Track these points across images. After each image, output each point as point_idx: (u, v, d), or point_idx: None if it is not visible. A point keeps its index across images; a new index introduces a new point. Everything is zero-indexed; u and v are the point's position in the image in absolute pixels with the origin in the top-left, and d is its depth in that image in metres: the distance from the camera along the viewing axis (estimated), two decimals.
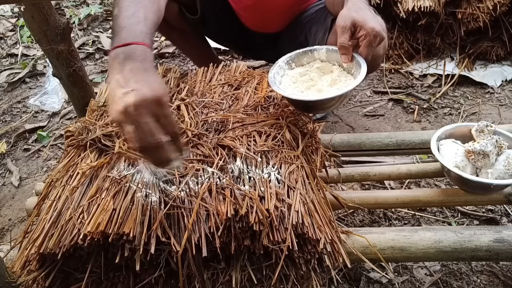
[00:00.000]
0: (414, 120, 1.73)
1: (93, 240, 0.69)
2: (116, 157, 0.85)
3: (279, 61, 1.02)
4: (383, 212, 1.32)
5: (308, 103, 0.92)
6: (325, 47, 1.02)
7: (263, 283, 0.77)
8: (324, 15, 1.29)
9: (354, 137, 1.18)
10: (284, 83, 0.99)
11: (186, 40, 1.69)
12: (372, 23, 0.87)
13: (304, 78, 0.99)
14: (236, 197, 0.73)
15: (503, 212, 1.30)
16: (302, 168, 0.86)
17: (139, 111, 0.63)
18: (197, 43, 1.72)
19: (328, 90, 0.94)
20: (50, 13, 1.25)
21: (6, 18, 2.88)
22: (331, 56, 1.00)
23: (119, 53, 0.71)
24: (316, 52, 1.02)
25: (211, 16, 1.48)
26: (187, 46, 1.77)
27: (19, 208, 1.50)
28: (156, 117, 0.65)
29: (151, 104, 0.64)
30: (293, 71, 1.02)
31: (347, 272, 1.13)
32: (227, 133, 0.89)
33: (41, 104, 2.06)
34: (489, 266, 1.13)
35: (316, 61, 1.03)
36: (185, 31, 1.60)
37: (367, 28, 0.87)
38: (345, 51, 0.92)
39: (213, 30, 1.60)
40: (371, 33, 0.87)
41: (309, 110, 1.01)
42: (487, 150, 0.92)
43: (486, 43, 1.93)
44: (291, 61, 1.03)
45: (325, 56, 1.02)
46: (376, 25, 0.87)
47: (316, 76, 0.99)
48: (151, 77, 0.69)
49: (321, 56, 1.02)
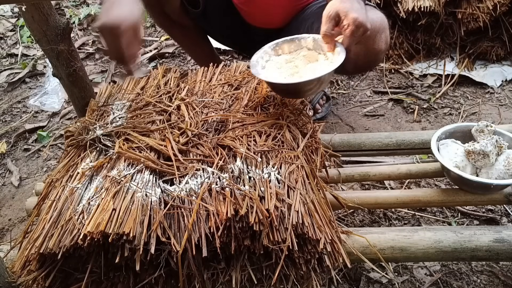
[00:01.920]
0: (414, 120, 1.73)
1: (93, 240, 0.69)
2: (116, 157, 0.85)
3: (265, 46, 1.04)
4: (383, 212, 1.32)
5: (285, 86, 0.95)
6: (312, 35, 1.03)
7: (263, 283, 0.77)
8: None
9: (354, 137, 1.18)
10: (268, 68, 1.01)
11: (187, 36, 1.69)
12: (355, 14, 0.88)
13: (289, 65, 1.01)
14: (236, 197, 0.73)
15: (503, 212, 1.30)
16: (302, 168, 0.86)
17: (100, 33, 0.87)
18: (198, 40, 1.72)
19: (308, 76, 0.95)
20: (50, 13, 1.25)
21: (6, 18, 2.88)
22: (318, 44, 1.02)
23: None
24: (304, 40, 1.04)
25: (212, 11, 1.49)
26: (188, 43, 1.77)
27: (19, 208, 1.50)
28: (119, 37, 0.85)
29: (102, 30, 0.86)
30: (279, 58, 1.04)
31: (347, 272, 1.13)
32: (227, 133, 0.89)
33: (41, 104, 2.06)
34: (489, 266, 1.13)
35: (303, 49, 1.04)
36: (187, 27, 1.61)
37: (349, 18, 0.88)
38: (328, 40, 0.94)
39: (214, 26, 1.61)
40: (353, 23, 0.88)
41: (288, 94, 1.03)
42: (487, 150, 0.92)
43: (486, 43, 1.93)
44: (278, 47, 1.05)
45: (311, 44, 1.03)
46: (359, 15, 0.88)
47: (301, 63, 1.00)
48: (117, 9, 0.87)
49: (308, 45, 1.04)
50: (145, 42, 2.51)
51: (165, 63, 2.28)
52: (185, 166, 0.81)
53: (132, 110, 1.01)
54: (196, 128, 0.90)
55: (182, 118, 0.94)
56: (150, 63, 2.30)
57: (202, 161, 0.82)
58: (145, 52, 2.39)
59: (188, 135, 0.88)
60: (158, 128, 0.90)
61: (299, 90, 0.96)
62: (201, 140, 0.87)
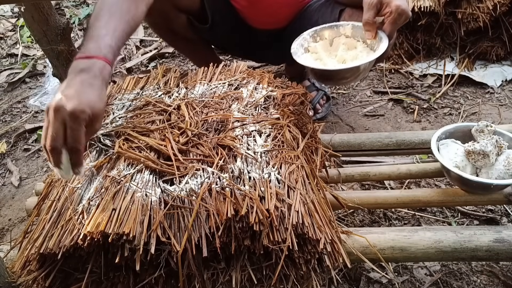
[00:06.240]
0: (414, 120, 1.72)
1: (93, 240, 0.68)
2: (116, 157, 0.85)
3: (304, 33, 1.05)
4: (383, 212, 1.32)
5: (325, 72, 0.97)
6: (351, 23, 1.04)
7: (263, 283, 0.77)
8: (330, 8, 1.29)
9: (354, 137, 1.18)
10: (308, 54, 1.03)
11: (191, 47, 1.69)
12: (399, 1, 0.88)
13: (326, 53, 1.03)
14: (236, 197, 0.73)
15: (503, 212, 1.30)
16: (302, 168, 0.86)
17: (55, 114, 0.70)
18: (202, 49, 1.72)
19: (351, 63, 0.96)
20: (50, 13, 1.26)
21: (6, 18, 2.88)
22: (356, 32, 1.02)
23: (79, 64, 0.78)
24: (342, 27, 1.05)
25: (218, 21, 1.49)
26: (192, 52, 1.77)
27: (19, 208, 1.50)
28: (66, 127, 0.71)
29: (66, 114, 0.70)
30: (317, 44, 1.05)
31: (347, 272, 1.13)
32: (227, 133, 0.89)
33: (41, 104, 2.06)
34: (489, 266, 1.13)
35: (341, 37, 1.05)
36: (191, 40, 1.61)
37: (392, 5, 0.88)
38: (370, 28, 0.94)
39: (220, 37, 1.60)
40: (396, 11, 0.88)
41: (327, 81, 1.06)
42: (487, 150, 0.92)
43: (486, 43, 1.93)
44: (316, 34, 1.06)
45: (350, 32, 1.04)
46: (402, 2, 0.88)
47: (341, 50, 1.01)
48: (90, 92, 0.75)
49: (346, 32, 1.05)
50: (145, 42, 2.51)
51: (165, 63, 2.28)
52: (185, 166, 0.81)
53: (132, 110, 1.01)
54: (196, 128, 0.90)
55: (182, 118, 0.94)
56: (150, 63, 2.30)
57: (202, 161, 0.82)
58: (145, 52, 2.39)
59: (188, 135, 0.88)
60: (158, 128, 0.90)
61: (341, 76, 0.97)
62: (201, 140, 0.87)
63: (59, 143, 0.71)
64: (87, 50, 0.80)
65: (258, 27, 1.49)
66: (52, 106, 0.71)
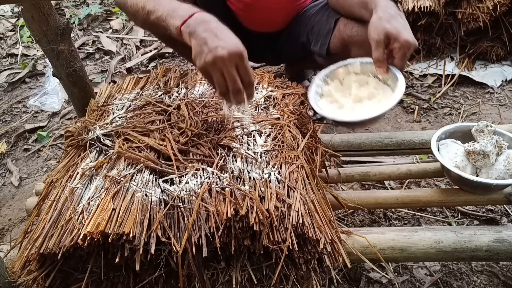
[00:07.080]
0: (414, 120, 1.72)
1: (93, 240, 0.68)
2: (116, 157, 0.85)
3: (316, 79, 1.03)
4: (383, 212, 1.32)
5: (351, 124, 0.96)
6: (358, 60, 1.02)
7: (263, 283, 0.77)
8: (326, 15, 1.29)
9: (354, 137, 1.18)
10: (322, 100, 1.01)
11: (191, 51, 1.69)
12: (406, 35, 0.87)
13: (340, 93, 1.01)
14: (236, 197, 0.73)
15: (503, 212, 1.30)
16: (302, 168, 0.86)
17: (226, 62, 0.77)
18: None
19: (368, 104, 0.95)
20: (50, 13, 1.25)
21: (6, 18, 2.88)
22: (365, 68, 1.01)
23: (191, 23, 0.81)
24: (350, 66, 1.03)
25: None
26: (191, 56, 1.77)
27: (19, 208, 1.50)
28: (237, 68, 0.78)
29: (235, 57, 0.77)
30: (329, 86, 1.03)
31: (347, 272, 1.13)
32: (227, 133, 0.89)
33: (41, 104, 2.06)
34: (489, 266, 1.13)
35: (351, 74, 1.04)
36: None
37: (401, 40, 0.87)
38: (381, 64, 0.93)
39: None
40: (405, 45, 0.87)
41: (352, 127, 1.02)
42: (487, 150, 0.92)
43: (486, 43, 1.93)
44: (326, 77, 1.04)
45: (359, 69, 1.02)
46: (409, 36, 0.87)
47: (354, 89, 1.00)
48: (230, 34, 0.80)
49: (355, 70, 1.03)
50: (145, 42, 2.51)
51: (165, 63, 2.28)
52: (185, 166, 0.81)
53: (132, 110, 1.01)
54: (196, 128, 0.90)
55: (182, 118, 0.94)
56: (150, 63, 2.30)
57: (202, 161, 0.82)
58: (145, 52, 2.39)
59: (188, 135, 0.88)
60: (158, 128, 0.90)
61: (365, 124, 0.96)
62: (201, 140, 0.87)
63: (239, 83, 0.78)
64: (186, 12, 0.83)
65: (255, 29, 1.49)
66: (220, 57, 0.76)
